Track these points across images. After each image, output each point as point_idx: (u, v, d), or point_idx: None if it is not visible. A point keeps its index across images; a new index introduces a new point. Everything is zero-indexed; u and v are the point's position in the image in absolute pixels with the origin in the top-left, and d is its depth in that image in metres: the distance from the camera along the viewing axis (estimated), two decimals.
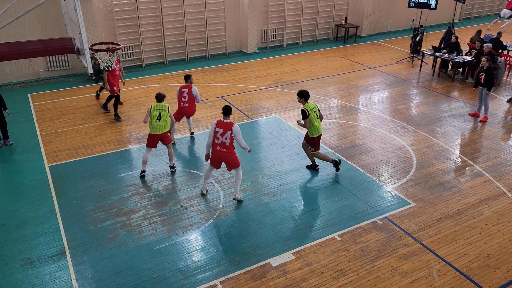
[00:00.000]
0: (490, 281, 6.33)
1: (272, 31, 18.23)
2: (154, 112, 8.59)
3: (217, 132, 7.60)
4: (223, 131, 7.56)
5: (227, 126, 7.55)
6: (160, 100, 8.72)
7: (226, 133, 7.54)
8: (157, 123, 8.58)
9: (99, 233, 7.31)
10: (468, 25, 22.01)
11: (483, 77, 11.24)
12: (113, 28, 14.95)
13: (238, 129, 7.59)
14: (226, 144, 7.61)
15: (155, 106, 8.65)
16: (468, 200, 8.19)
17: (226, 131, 7.54)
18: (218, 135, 7.60)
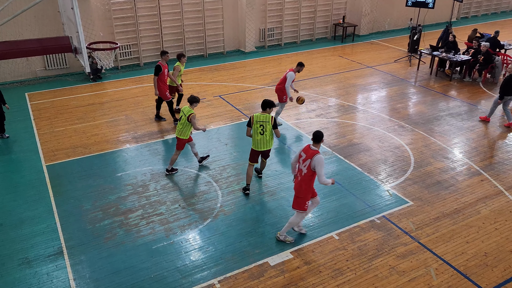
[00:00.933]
0: (488, 280, 6.35)
1: (270, 30, 18.22)
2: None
3: (300, 157, 6.75)
4: (305, 158, 6.64)
5: (310, 154, 6.59)
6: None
7: (306, 161, 6.61)
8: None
9: (97, 232, 7.30)
10: (466, 24, 22.04)
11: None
12: (111, 27, 14.91)
13: (321, 161, 6.47)
14: (303, 172, 6.67)
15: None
16: (465, 199, 8.21)
17: (307, 159, 6.60)
18: (300, 160, 6.75)
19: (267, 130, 7.88)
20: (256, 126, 7.90)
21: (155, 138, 10.50)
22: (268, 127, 7.88)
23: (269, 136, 7.97)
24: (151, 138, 10.47)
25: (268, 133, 7.92)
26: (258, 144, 8.03)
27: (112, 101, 12.66)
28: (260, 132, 7.90)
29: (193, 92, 13.29)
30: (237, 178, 8.82)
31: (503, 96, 10.69)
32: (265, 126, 7.86)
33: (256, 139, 7.99)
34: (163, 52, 10.85)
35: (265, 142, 8.01)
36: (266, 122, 7.86)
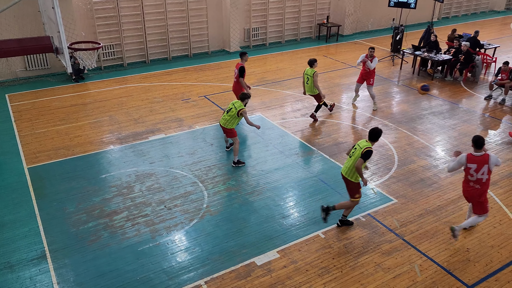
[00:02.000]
0: (470, 275, 6.47)
1: (254, 30, 18.23)
2: None
3: (469, 169, 6.61)
4: (478, 167, 6.54)
5: (482, 160, 6.52)
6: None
7: (482, 168, 6.53)
8: None
9: (81, 235, 7.20)
10: (447, 24, 22.42)
11: None
12: (93, 27, 14.72)
13: (495, 158, 6.56)
14: (482, 180, 6.61)
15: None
16: (448, 196, 8.35)
17: (482, 166, 6.51)
18: (471, 172, 6.61)
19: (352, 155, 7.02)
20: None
21: (139, 139, 10.40)
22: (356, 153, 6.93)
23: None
24: (136, 139, 10.38)
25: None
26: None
27: (95, 102, 12.50)
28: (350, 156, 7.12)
29: (177, 92, 13.22)
30: (223, 178, 8.81)
31: None
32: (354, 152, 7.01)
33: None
34: (243, 53, 11.01)
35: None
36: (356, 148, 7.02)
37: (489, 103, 12.78)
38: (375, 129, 6.82)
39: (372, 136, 6.84)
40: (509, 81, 12.66)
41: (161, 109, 12.08)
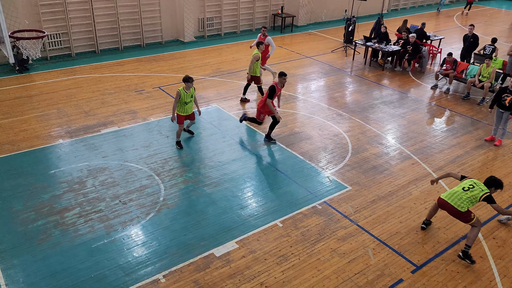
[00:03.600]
0: (419, 256, 6.82)
1: (209, 20, 18.00)
2: None
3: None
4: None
5: None
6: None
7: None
8: None
9: (30, 234, 6.88)
10: (396, 16, 23.20)
11: (509, 100, 9.70)
12: (37, 15, 13.93)
13: None
14: None
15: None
16: (398, 181, 8.72)
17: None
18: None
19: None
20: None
21: (91, 132, 10.03)
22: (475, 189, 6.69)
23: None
24: (87, 132, 10.00)
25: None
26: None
27: (42, 94, 11.90)
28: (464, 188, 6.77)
29: (130, 83, 12.84)
30: (180, 171, 8.69)
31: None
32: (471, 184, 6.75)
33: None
34: (282, 74, 9.56)
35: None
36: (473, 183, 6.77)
37: (435, 92, 13.41)
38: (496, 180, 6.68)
39: (493, 184, 6.68)
40: (453, 71, 13.33)
41: (114, 101, 11.70)
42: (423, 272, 6.50)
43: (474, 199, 6.58)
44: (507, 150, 10.03)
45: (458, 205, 6.63)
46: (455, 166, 9.28)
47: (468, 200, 6.60)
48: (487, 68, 12.47)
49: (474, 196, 6.59)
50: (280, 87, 9.71)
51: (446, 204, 6.77)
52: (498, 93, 10.04)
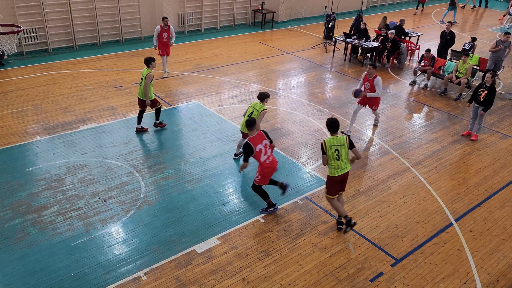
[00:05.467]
0: (399, 249, 6.95)
1: (189, 15, 17.84)
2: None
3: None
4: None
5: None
6: (260, 99, 8.41)
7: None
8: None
9: (6, 233, 6.72)
10: (375, 13, 23.46)
11: (484, 95, 9.95)
12: (12, 9, 13.56)
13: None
14: None
15: (252, 104, 8.43)
16: (378, 176, 8.85)
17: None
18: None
19: (342, 155, 6.76)
20: (330, 152, 6.72)
21: (69, 129, 9.85)
22: (343, 151, 6.75)
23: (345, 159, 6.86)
24: (65, 129, 9.81)
25: (345, 157, 6.80)
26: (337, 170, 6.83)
27: (18, 90, 11.60)
28: (336, 158, 6.74)
29: (109, 79, 12.64)
30: (160, 167, 8.62)
31: (489, 108, 10.11)
32: (340, 150, 6.73)
33: (333, 164, 6.79)
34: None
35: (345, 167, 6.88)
36: (341, 146, 6.74)
37: (414, 88, 13.64)
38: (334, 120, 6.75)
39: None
40: (431, 68, 13.58)
41: (92, 97, 11.50)
42: (402, 265, 6.63)
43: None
44: (482, 145, 10.29)
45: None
46: (433, 161, 9.48)
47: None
48: (464, 64, 12.74)
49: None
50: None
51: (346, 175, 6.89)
52: (476, 88, 10.29)
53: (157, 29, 12.55)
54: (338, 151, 6.69)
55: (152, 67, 9.31)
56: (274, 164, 7.20)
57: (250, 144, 6.92)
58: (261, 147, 7.00)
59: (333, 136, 6.75)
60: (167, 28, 12.56)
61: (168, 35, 12.70)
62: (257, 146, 6.96)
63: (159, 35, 12.57)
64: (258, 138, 7.04)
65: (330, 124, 6.72)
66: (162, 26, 12.54)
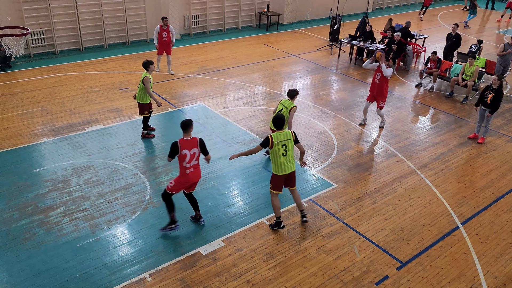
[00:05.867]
0: (404, 252, 6.91)
1: (195, 18, 17.91)
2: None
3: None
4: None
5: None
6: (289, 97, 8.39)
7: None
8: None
9: (13, 234, 6.77)
10: (380, 15, 23.41)
11: (490, 98, 9.90)
12: (20, 11, 13.68)
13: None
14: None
15: (282, 101, 8.37)
16: (383, 179, 8.82)
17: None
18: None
19: (289, 150, 6.78)
20: (277, 147, 6.71)
21: (75, 130, 9.91)
22: (290, 145, 6.78)
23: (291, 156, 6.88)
24: (71, 131, 9.87)
25: (291, 153, 6.83)
26: (283, 167, 6.82)
27: (25, 92, 11.70)
28: (283, 153, 6.75)
29: (115, 81, 12.71)
30: (165, 169, 8.65)
31: (495, 110, 10.06)
32: (288, 145, 6.76)
33: (278, 161, 6.77)
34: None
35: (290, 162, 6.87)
36: (287, 140, 6.76)
37: (420, 91, 13.59)
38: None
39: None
40: (437, 70, 13.53)
41: (98, 99, 11.57)
42: (408, 269, 6.60)
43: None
44: (489, 148, 10.23)
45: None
46: (439, 164, 9.43)
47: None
48: (470, 66, 12.68)
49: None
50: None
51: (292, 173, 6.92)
52: (483, 91, 10.23)
53: (156, 29, 12.85)
54: (286, 146, 6.73)
55: (150, 71, 9.19)
56: (193, 177, 6.68)
57: (178, 144, 6.48)
58: (187, 153, 6.49)
59: (279, 132, 6.77)
60: (167, 27, 12.83)
61: (168, 35, 12.96)
62: (183, 150, 6.48)
63: (158, 34, 12.85)
64: (189, 143, 6.52)
65: (276, 120, 6.76)
66: (161, 25, 12.81)
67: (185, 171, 6.62)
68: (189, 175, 6.65)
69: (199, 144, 6.63)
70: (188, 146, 6.54)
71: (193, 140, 6.61)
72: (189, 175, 6.66)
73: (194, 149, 6.58)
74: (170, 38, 13.05)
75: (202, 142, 6.69)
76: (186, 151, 6.52)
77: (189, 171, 6.63)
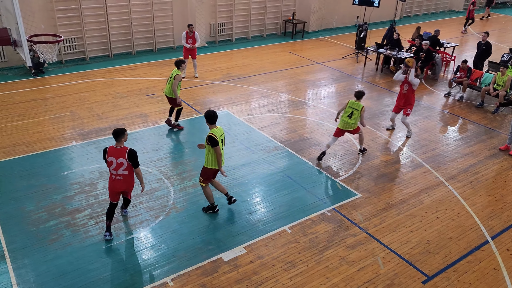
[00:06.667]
0: (430, 266, 6.72)
1: (221, 25, 18.11)
2: (348, 108, 9.07)
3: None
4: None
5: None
6: (358, 97, 9.19)
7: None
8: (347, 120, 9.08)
9: (41, 234, 6.95)
10: (408, 23, 23.09)
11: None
12: (53, 19, 14.17)
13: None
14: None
15: (350, 103, 9.17)
16: (409, 190, 8.63)
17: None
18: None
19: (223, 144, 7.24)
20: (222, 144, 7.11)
21: (102, 135, 10.13)
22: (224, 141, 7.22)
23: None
24: (99, 135, 10.10)
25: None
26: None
27: (56, 97, 12.07)
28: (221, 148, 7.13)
29: (142, 87, 12.96)
30: (189, 175, 8.72)
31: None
32: (223, 140, 7.21)
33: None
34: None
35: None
36: (223, 135, 7.20)
37: (448, 100, 13.28)
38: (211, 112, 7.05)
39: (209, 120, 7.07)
40: (467, 79, 13.20)
41: (125, 104, 11.81)
42: (434, 283, 6.40)
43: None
44: None
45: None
46: (468, 175, 9.16)
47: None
48: (502, 76, 12.33)
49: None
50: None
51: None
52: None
53: (183, 36, 13.45)
54: (223, 140, 7.17)
55: (182, 69, 10.08)
56: (118, 186, 6.63)
57: (106, 150, 6.52)
58: (113, 161, 6.44)
59: (214, 128, 7.03)
60: (192, 34, 13.35)
61: (193, 41, 13.44)
62: (109, 157, 6.46)
63: (185, 40, 13.43)
64: (117, 152, 6.45)
65: (209, 115, 6.99)
66: (187, 32, 13.36)
67: (111, 177, 6.64)
68: (114, 182, 6.62)
69: (127, 154, 6.45)
70: (115, 154, 6.46)
71: (123, 149, 6.49)
72: (114, 183, 6.62)
73: (120, 159, 6.45)
74: (195, 43, 13.49)
75: (132, 153, 6.48)
76: (112, 159, 6.46)
77: (114, 178, 6.59)
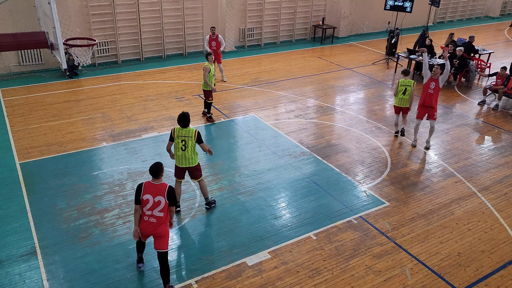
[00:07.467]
0: (461, 279, 6.51)
1: (250, 30, 18.22)
2: (400, 87, 10.16)
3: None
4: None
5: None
6: (406, 75, 10.31)
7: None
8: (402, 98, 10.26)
9: (72, 232, 7.15)
10: (442, 29, 22.57)
11: None
12: (88, 23, 14.63)
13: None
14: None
15: (402, 82, 10.15)
16: (440, 200, 8.39)
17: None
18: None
19: (189, 146, 7.15)
20: (177, 141, 7.18)
21: (132, 136, 10.35)
22: (190, 143, 7.14)
23: (191, 152, 7.21)
24: (128, 137, 10.32)
25: (190, 149, 7.18)
26: (180, 160, 7.29)
27: (89, 99, 12.42)
28: (182, 148, 7.16)
29: (171, 91, 13.18)
30: (215, 178, 8.79)
31: None
32: (187, 141, 7.14)
33: (177, 154, 7.26)
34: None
35: (187, 158, 7.23)
36: (188, 137, 7.13)
37: (483, 108, 12.88)
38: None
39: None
40: (503, 87, 12.76)
41: (155, 107, 12.04)
42: None
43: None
44: None
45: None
46: (503, 187, 8.84)
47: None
48: None
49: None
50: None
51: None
52: None
53: (206, 39, 13.73)
54: (185, 142, 7.15)
55: (209, 61, 10.80)
56: (146, 228, 5.75)
57: (142, 186, 5.73)
58: (149, 199, 5.66)
59: (182, 128, 7.17)
60: (216, 37, 13.53)
61: (217, 44, 13.62)
62: (146, 195, 5.67)
63: (208, 43, 13.65)
64: (155, 188, 5.69)
65: (180, 118, 7.12)
66: (210, 35, 13.56)
67: (143, 218, 5.77)
68: (144, 222, 5.76)
69: (166, 192, 5.68)
70: (153, 191, 5.69)
71: (162, 185, 5.72)
72: (144, 223, 5.76)
73: (158, 197, 5.66)
74: (219, 47, 13.63)
75: (171, 192, 5.73)
76: (148, 197, 5.67)
77: (146, 219, 5.74)
